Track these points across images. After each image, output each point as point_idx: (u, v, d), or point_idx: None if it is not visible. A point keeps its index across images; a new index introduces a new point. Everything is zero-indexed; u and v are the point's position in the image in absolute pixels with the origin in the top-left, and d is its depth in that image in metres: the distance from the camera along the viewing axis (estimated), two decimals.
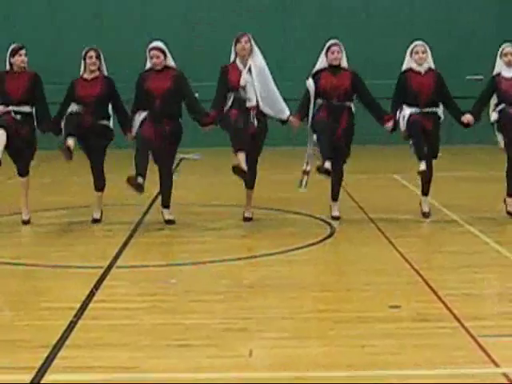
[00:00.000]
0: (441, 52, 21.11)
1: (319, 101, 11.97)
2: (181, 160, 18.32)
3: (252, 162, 11.72)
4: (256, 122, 11.71)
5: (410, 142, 11.90)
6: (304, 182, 11.97)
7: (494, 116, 11.96)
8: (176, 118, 11.87)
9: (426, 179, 12.04)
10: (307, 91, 11.97)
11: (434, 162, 12.16)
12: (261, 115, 11.79)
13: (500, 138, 11.88)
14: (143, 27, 22.50)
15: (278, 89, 11.93)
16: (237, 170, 11.40)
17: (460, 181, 15.41)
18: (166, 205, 12.11)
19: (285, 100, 11.95)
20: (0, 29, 23.07)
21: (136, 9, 23.36)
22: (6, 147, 11.50)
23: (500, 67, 12.15)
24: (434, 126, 12.02)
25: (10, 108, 11.87)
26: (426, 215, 12.18)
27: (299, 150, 12.46)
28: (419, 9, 22.52)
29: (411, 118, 11.77)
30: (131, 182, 11.25)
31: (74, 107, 11.89)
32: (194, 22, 22.89)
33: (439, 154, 12.21)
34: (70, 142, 11.47)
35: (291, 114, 11.92)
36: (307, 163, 11.99)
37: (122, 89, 12.19)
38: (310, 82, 11.93)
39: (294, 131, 12.02)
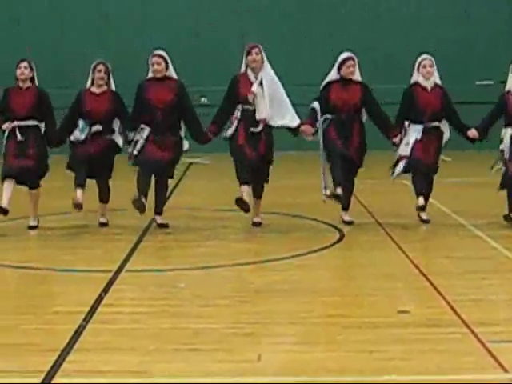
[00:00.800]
0: (450, 57, 21.22)
1: (328, 115, 11.96)
2: (190, 164, 18.35)
3: (262, 176, 11.79)
4: (262, 133, 11.70)
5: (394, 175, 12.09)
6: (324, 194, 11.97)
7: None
8: (177, 130, 11.89)
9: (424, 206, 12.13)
10: (314, 111, 11.92)
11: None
12: (268, 129, 11.79)
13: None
14: (144, 28, 22.56)
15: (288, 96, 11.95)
16: (239, 202, 11.57)
17: (469, 186, 15.41)
18: (158, 212, 12.12)
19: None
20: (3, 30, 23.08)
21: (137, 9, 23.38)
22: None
23: (510, 84, 12.01)
24: (437, 142, 12.04)
25: (16, 123, 11.86)
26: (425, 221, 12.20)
27: (306, 155, 12.47)
28: (428, 14, 22.51)
29: (413, 158, 11.88)
30: (135, 203, 11.46)
31: (77, 134, 11.90)
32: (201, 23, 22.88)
33: (447, 159, 12.23)
34: (79, 195, 11.73)
35: (301, 123, 11.91)
36: (325, 188, 11.94)
37: (126, 94, 12.16)
38: (316, 106, 11.88)
39: (309, 138, 11.98)
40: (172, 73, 11.95)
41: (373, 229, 11.89)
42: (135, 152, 11.71)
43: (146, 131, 11.71)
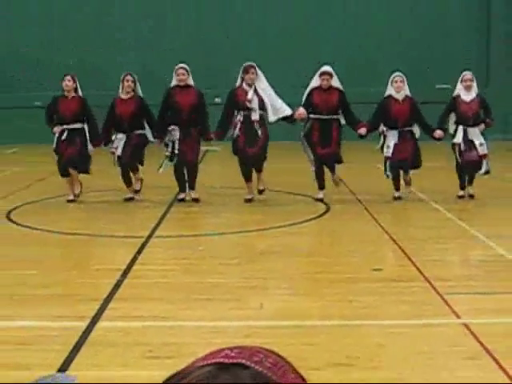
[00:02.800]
0: (415, 65, 21.15)
1: (312, 116, 11.95)
2: (205, 152, 18.34)
3: (260, 161, 11.83)
4: (260, 131, 11.74)
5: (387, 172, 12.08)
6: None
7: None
8: (198, 124, 11.91)
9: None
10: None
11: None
12: (264, 126, 11.82)
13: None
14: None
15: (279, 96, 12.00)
16: (247, 201, 11.93)
17: (429, 170, 15.40)
18: (192, 187, 12.15)
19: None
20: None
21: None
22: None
23: (459, 91, 12.10)
24: (412, 143, 12.02)
25: (64, 126, 11.97)
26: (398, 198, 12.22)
27: (297, 144, 12.44)
28: (399, 27, 22.39)
29: (391, 160, 11.91)
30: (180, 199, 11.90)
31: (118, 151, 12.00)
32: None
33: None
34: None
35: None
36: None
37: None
38: (302, 110, 11.88)
39: (304, 116, 11.88)
40: (191, 81, 12.04)
41: (353, 203, 11.89)
42: (176, 151, 11.81)
43: (177, 131, 11.80)
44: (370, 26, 22.40)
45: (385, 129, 12.12)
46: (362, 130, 11.86)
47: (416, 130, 12.09)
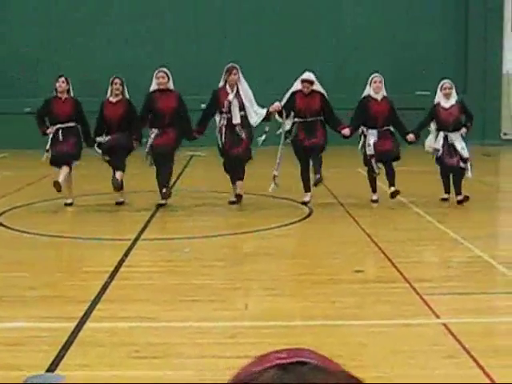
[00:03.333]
0: (396, 73, 21.20)
1: (296, 119, 11.93)
2: (191, 157, 18.30)
3: (242, 164, 11.80)
4: (243, 134, 11.71)
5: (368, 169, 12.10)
6: (273, 185, 11.95)
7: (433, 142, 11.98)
8: (178, 127, 11.82)
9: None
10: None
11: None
12: (246, 128, 11.80)
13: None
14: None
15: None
16: (231, 202, 11.96)
17: (409, 174, 15.43)
18: (164, 183, 11.86)
19: None
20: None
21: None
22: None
23: (438, 98, 12.10)
24: (391, 139, 12.05)
25: (58, 126, 11.90)
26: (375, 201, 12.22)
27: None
28: (380, 39, 22.45)
29: (375, 153, 11.92)
30: (163, 195, 11.66)
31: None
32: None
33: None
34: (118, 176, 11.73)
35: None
36: (276, 169, 11.98)
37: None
38: (277, 104, 11.86)
39: (278, 109, 11.82)
40: (171, 85, 11.96)
41: (335, 207, 11.89)
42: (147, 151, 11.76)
43: (154, 134, 11.73)
44: (352, 36, 22.44)
45: (364, 129, 12.10)
46: (346, 131, 11.85)
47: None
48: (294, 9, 22.50)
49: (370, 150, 11.99)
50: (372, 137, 11.99)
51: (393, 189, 11.99)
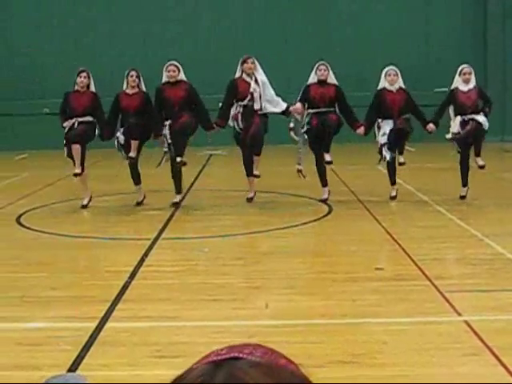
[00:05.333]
0: (415, 70, 21.13)
1: (310, 110, 11.90)
2: (210, 156, 18.32)
3: (258, 138, 11.73)
4: (259, 120, 11.66)
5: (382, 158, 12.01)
6: (302, 177, 11.94)
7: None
8: (191, 115, 11.73)
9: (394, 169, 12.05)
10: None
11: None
12: (263, 116, 11.77)
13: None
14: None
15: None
16: (249, 200, 12.00)
17: (429, 170, 15.38)
18: (178, 152, 11.72)
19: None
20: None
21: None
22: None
23: (457, 83, 11.99)
24: (406, 119, 11.96)
25: (74, 120, 11.85)
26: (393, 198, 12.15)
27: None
28: (399, 35, 22.38)
29: (383, 144, 11.82)
30: (179, 164, 11.57)
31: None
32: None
33: (411, 149, 12.18)
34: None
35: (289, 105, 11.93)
36: (299, 164, 11.97)
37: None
38: (299, 105, 11.82)
39: (300, 112, 11.80)
40: (183, 77, 11.93)
41: (354, 204, 11.86)
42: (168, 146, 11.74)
43: (167, 128, 11.68)
44: (370, 32, 22.37)
45: (380, 120, 11.98)
46: (361, 130, 11.82)
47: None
48: (307, 2, 22.49)
49: (383, 139, 11.85)
50: (387, 126, 11.85)
51: (402, 159, 12.02)
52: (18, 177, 16.14)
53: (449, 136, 11.93)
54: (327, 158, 11.89)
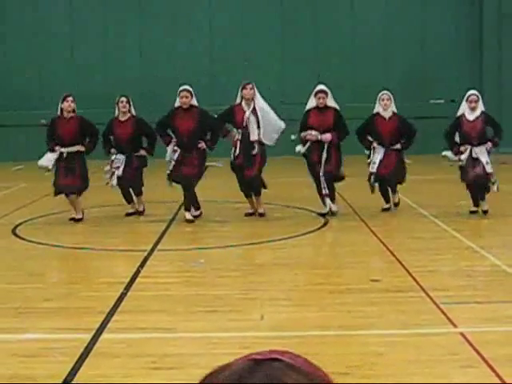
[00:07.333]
0: (411, 82, 21.19)
1: (309, 137, 11.76)
2: (206, 167, 18.32)
3: (258, 183, 11.78)
4: (257, 150, 11.65)
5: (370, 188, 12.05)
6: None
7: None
8: (198, 146, 11.72)
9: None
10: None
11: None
12: (262, 145, 11.75)
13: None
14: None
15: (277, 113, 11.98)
16: (248, 215, 11.97)
17: (425, 182, 15.39)
18: (187, 209, 11.86)
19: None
20: None
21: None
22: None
23: (463, 110, 11.71)
24: (397, 160, 11.97)
25: (64, 150, 11.63)
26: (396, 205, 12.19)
27: (298, 159, 12.42)
28: (395, 46, 22.43)
29: (376, 174, 11.87)
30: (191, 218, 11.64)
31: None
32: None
33: (408, 161, 12.18)
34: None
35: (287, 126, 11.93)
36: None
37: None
38: (315, 133, 11.71)
39: (313, 139, 11.72)
40: (195, 102, 11.85)
41: (350, 216, 11.86)
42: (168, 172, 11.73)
43: (177, 154, 11.65)
44: (368, 46, 22.44)
45: (375, 143, 11.99)
46: (325, 137, 11.62)
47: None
48: (303, 13, 22.56)
49: (372, 168, 11.92)
50: (378, 155, 11.91)
51: (396, 199, 12.12)
52: (14, 188, 16.14)
53: (447, 155, 11.77)
54: (333, 208, 11.83)
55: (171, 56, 22.01)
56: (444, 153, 11.90)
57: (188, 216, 11.73)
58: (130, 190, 12.17)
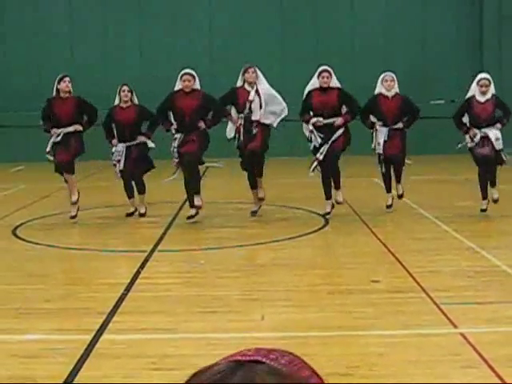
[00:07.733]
0: (412, 82, 21.18)
1: (313, 120, 11.65)
2: (207, 168, 18.32)
3: (258, 158, 11.71)
4: (259, 130, 11.56)
5: (380, 168, 11.94)
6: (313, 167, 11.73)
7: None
8: (198, 125, 11.59)
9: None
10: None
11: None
12: (264, 126, 11.69)
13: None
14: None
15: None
16: (253, 213, 11.89)
17: (425, 183, 15.39)
18: (196, 192, 11.68)
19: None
20: None
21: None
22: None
23: (474, 92, 11.55)
24: (400, 141, 11.92)
25: (60, 130, 11.62)
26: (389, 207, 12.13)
27: (297, 160, 12.42)
28: (395, 46, 22.43)
29: (383, 155, 11.80)
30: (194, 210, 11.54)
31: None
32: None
33: (409, 162, 12.17)
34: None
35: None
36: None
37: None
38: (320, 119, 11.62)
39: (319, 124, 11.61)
40: (198, 85, 11.78)
41: (351, 217, 11.86)
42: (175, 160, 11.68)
43: (177, 140, 11.56)
44: (368, 45, 22.44)
45: (378, 123, 11.88)
46: (339, 121, 11.52)
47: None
48: (303, 13, 22.56)
49: (379, 149, 11.84)
50: (382, 136, 11.82)
51: (400, 190, 11.97)
52: (14, 189, 16.14)
53: (460, 145, 11.62)
54: (338, 198, 11.79)
55: (171, 56, 21.96)
56: (459, 145, 11.71)
57: (197, 202, 11.56)
58: (133, 183, 12.11)
